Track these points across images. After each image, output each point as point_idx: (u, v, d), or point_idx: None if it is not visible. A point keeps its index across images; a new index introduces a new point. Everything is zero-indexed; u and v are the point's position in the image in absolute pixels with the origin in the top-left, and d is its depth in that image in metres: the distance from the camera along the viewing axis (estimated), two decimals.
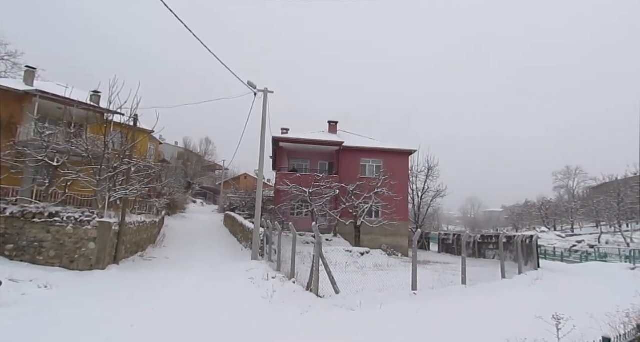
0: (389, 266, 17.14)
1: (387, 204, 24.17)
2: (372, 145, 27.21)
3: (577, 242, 41.18)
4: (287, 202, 24.30)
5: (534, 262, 18.21)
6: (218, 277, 11.90)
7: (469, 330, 6.76)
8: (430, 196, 36.32)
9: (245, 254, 17.64)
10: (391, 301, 8.92)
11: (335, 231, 23.87)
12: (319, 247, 9.47)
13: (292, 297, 8.88)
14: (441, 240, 32.43)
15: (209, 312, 7.53)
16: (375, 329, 6.75)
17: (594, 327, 5.88)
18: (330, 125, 29.61)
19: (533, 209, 63.73)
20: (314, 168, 27.41)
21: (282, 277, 11.38)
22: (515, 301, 9.86)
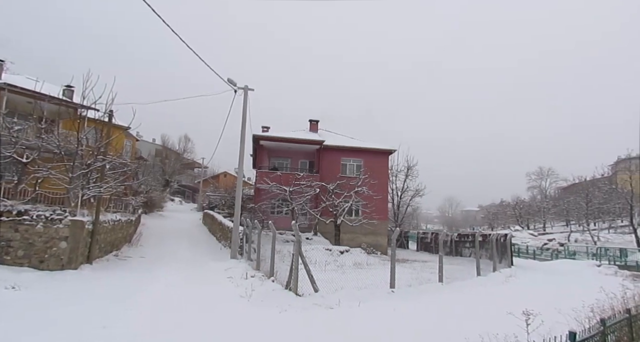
0: (368, 264, 17.30)
1: (367, 203, 24.39)
2: (353, 144, 27.40)
3: (549, 240, 42.70)
4: (267, 201, 24.18)
5: (508, 260, 18.75)
6: (196, 276, 11.73)
7: (444, 327, 6.92)
8: (409, 195, 36.92)
9: (224, 253, 17.47)
10: (370, 299, 9.03)
11: (315, 230, 23.93)
12: (298, 246, 9.48)
13: (271, 296, 8.86)
14: (419, 239, 32.99)
15: (186, 312, 7.42)
16: (353, 327, 6.82)
17: (561, 322, 6.13)
18: (312, 124, 29.62)
19: (508, 208, 65.66)
20: (294, 167, 27.37)
21: (261, 276, 11.33)
22: (489, 298, 10.16)
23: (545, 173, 69.85)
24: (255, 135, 25.28)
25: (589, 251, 33.59)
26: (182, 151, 55.67)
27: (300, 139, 26.26)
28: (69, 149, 13.97)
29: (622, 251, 31.58)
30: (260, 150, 27.03)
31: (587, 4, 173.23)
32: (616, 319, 6.44)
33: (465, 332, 5.33)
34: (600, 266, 21.60)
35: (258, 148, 27.03)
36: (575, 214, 48.73)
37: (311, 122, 29.68)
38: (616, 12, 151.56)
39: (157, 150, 53.90)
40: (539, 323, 4.89)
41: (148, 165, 39.88)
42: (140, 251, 16.93)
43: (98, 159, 14.14)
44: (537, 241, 43.54)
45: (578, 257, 31.61)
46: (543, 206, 58.64)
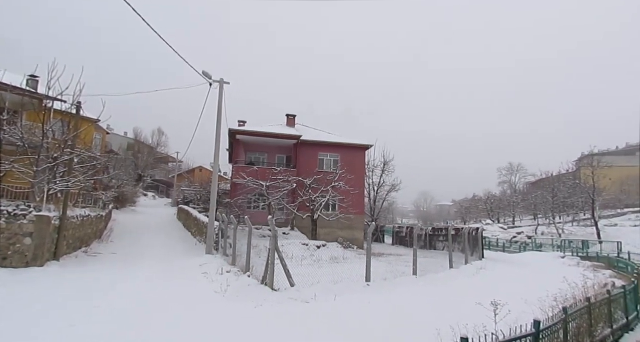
0: (345, 258, 17.48)
1: (343, 197, 24.54)
2: (330, 139, 27.44)
3: (517, 233, 44.44)
4: (243, 196, 23.92)
5: (479, 252, 19.36)
6: (169, 272, 11.50)
7: (417, 318, 7.09)
8: (385, 190, 37.42)
9: (199, 248, 17.20)
10: (345, 293, 9.14)
11: (292, 225, 23.91)
12: (274, 241, 9.45)
13: (246, 291, 8.81)
14: (395, 233, 33.55)
15: (158, 309, 7.27)
16: (328, 319, 6.88)
17: (527, 311, 6.41)
18: (288, 118, 29.43)
19: (479, 202, 67.66)
20: (271, 161, 27.18)
21: (236, 271, 11.23)
22: (460, 289, 10.47)
23: (515, 168, 72.29)
24: (231, 130, 24.90)
25: (554, 243, 35.20)
26: (155, 145, 54.21)
27: (277, 133, 26.07)
28: (33, 141, 13.31)
29: (584, 243, 33.26)
30: (237, 144, 26.66)
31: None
32: (577, 307, 6.80)
33: (436, 323, 5.47)
34: (564, 258, 22.70)
35: (234, 142, 26.64)
36: (542, 207, 50.78)
37: (288, 116, 29.48)
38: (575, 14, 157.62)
39: (129, 144, 52.23)
40: (506, 313, 5.08)
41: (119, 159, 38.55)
42: (111, 247, 16.43)
43: (65, 152, 13.55)
44: (507, 234, 45.23)
45: (544, 249, 33.07)
46: (512, 200, 60.77)
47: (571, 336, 6.31)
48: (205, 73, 15.09)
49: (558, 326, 5.85)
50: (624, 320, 9.08)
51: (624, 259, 21.49)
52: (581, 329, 6.75)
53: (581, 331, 6.73)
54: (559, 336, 5.91)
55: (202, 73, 14.99)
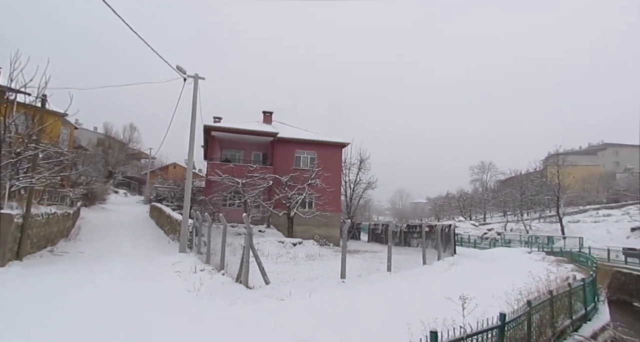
0: (321, 255, 17.56)
1: (320, 195, 24.62)
2: (307, 137, 27.43)
3: (488, 230, 45.94)
4: (218, 193, 23.60)
5: (452, 249, 19.90)
6: (140, 271, 11.21)
7: (390, 313, 7.24)
8: (362, 188, 37.84)
9: (172, 246, 16.85)
10: (321, 290, 9.20)
11: (268, 222, 23.80)
12: (249, 238, 9.39)
13: (220, 289, 8.72)
14: (371, 230, 33.97)
15: (127, 310, 7.08)
16: (303, 317, 6.92)
17: (494, 304, 6.66)
18: (265, 115, 29.20)
19: (453, 200, 69.43)
20: (247, 159, 26.92)
21: (211, 269, 11.09)
22: (432, 285, 10.75)
23: (487, 167, 74.65)
24: (207, 126, 24.49)
25: (522, 239, 36.64)
26: (127, 141, 52.61)
27: (253, 130, 25.82)
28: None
29: (549, 239, 34.79)
30: (212, 141, 26.25)
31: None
32: (540, 300, 7.13)
33: (408, 318, 5.61)
34: (531, 253, 23.68)
35: (209, 139, 26.21)
36: (511, 205, 52.68)
37: (265, 113, 29.24)
38: None
39: (99, 140, 50.48)
40: (474, 307, 5.26)
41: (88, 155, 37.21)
42: (79, 246, 15.86)
43: (29, 147, 12.94)
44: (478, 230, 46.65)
45: (513, 245, 34.35)
46: (484, 198, 62.72)
47: (534, 327, 6.61)
48: (180, 68, 14.76)
49: (522, 318, 6.12)
50: (583, 311, 9.59)
51: (584, 254, 22.62)
52: (544, 320, 7.09)
53: (544, 322, 7.07)
54: (524, 327, 6.19)
55: (176, 68, 14.65)
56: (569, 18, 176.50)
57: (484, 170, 74.84)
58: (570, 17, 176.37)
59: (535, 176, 51.20)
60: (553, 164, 45.91)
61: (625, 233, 33.03)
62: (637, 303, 21.80)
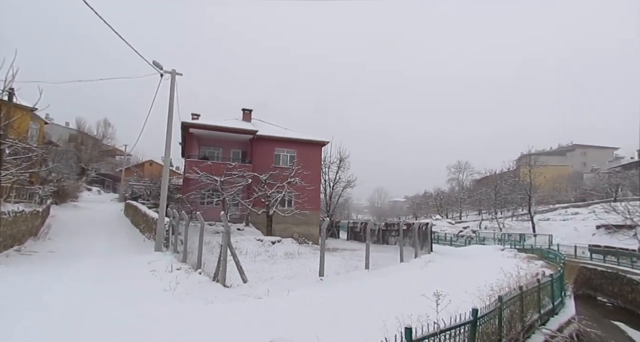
0: (300, 254, 17.58)
1: (299, 193, 24.62)
2: (287, 135, 27.33)
3: (463, 228, 47.07)
4: (196, 191, 23.24)
5: (428, 246, 20.30)
6: (113, 271, 10.92)
7: (366, 310, 7.33)
8: (341, 186, 38.01)
9: (148, 245, 16.49)
10: (299, 288, 9.23)
11: (247, 221, 23.62)
12: (227, 237, 9.30)
13: (197, 288, 8.61)
14: (350, 228, 34.21)
15: (100, 310, 6.90)
16: (280, 315, 6.93)
17: (467, 300, 6.84)
18: (245, 113, 28.91)
19: (430, 199, 70.76)
20: (226, 156, 26.61)
21: (187, 268, 10.92)
22: (409, 282, 10.93)
23: (463, 167, 76.37)
24: (184, 123, 24.04)
25: (496, 236, 37.77)
26: (101, 137, 50.96)
27: (232, 128, 25.52)
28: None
29: (521, 236, 36.00)
30: (190, 138, 25.78)
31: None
32: (511, 295, 7.38)
33: (384, 315, 5.70)
34: (503, 250, 24.42)
35: (187, 136, 25.74)
36: (486, 203, 54.19)
37: (244, 111, 28.95)
38: None
39: (71, 135, 48.67)
40: (447, 303, 5.39)
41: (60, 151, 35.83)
42: (48, 245, 15.30)
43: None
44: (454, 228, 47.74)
45: (487, 242, 35.35)
46: (460, 197, 64.23)
47: (505, 322, 6.85)
48: (156, 63, 14.42)
49: (494, 313, 6.33)
50: (551, 305, 9.99)
51: (554, 251, 23.49)
52: (514, 315, 7.35)
53: (514, 317, 7.33)
54: (495, 322, 6.40)
55: (153, 63, 14.31)
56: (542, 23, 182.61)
57: (461, 169, 76.55)
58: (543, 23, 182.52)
59: (509, 175, 52.86)
60: (525, 164, 47.51)
61: (591, 231, 34.55)
62: (600, 297, 22.88)
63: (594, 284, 23.95)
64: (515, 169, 54.27)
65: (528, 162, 45.47)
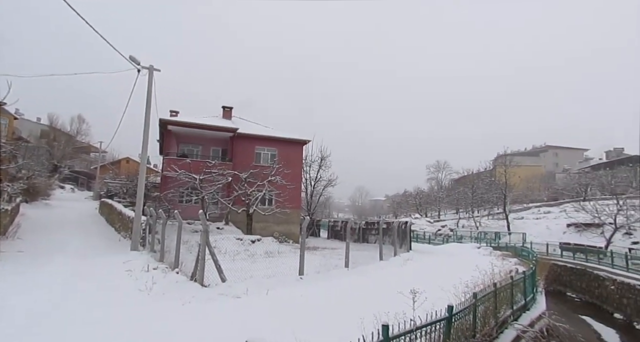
0: (280, 252, 17.53)
1: (280, 192, 24.52)
2: (268, 133, 27.17)
3: (442, 226, 48.03)
4: (175, 189, 22.82)
5: (407, 245, 20.60)
6: (87, 271, 10.60)
7: (345, 308, 7.37)
8: (322, 185, 38.09)
9: (123, 244, 16.09)
10: (278, 287, 9.22)
11: (226, 219, 23.35)
12: (205, 235, 9.19)
13: (174, 288, 8.47)
14: (330, 227, 34.32)
15: (72, 311, 6.70)
16: (258, 314, 6.90)
17: (443, 297, 6.99)
18: (225, 110, 28.56)
19: (410, 198, 71.84)
20: (205, 154, 26.23)
21: (164, 268, 10.73)
22: (387, 280, 11.07)
23: (442, 166, 77.84)
24: (163, 120, 23.53)
25: (472, 235, 38.70)
26: (75, 133, 49.32)
27: (211, 125, 25.17)
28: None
29: (496, 234, 37.04)
30: (168, 136, 25.29)
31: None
32: (485, 292, 7.59)
33: (362, 312, 5.76)
34: (480, 248, 25.04)
35: (166, 133, 25.23)
36: (463, 202, 55.44)
37: (224, 108, 28.60)
38: None
39: (43, 131, 46.87)
40: (424, 300, 5.50)
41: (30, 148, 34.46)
42: (17, 244, 14.68)
43: None
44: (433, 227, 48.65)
45: (464, 240, 36.18)
46: (439, 196, 65.44)
47: (479, 317, 7.04)
48: (133, 58, 14.05)
49: (468, 309, 6.50)
50: (523, 301, 10.33)
51: (527, 249, 24.29)
52: (488, 311, 7.56)
53: (488, 313, 7.54)
54: (469, 318, 6.58)
55: (129, 58, 13.94)
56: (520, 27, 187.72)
57: (440, 169, 77.99)
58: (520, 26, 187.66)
59: (485, 175, 54.24)
60: (501, 164, 48.83)
61: (562, 229, 35.86)
62: (570, 293, 23.81)
63: (563, 280, 24.89)
64: (492, 169, 55.70)
65: (504, 162, 46.77)
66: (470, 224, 46.13)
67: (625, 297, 18.10)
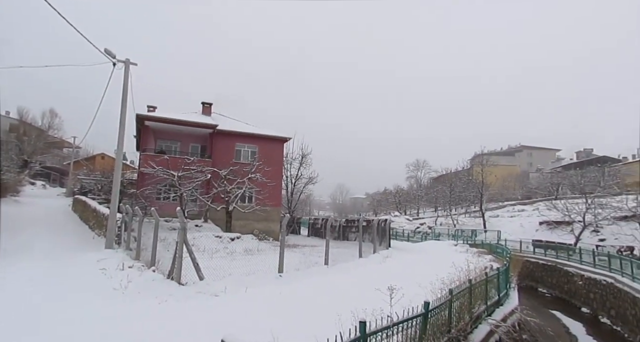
0: (259, 250, 17.44)
1: (260, 189, 24.35)
2: (248, 130, 26.91)
3: (420, 224, 48.88)
4: (152, 186, 22.32)
5: (387, 242, 20.84)
6: (59, 269, 10.26)
7: (323, 305, 7.42)
8: (303, 183, 38.09)
9: (98, 242, 15.63)
10: (257, 284, 9.17)
11: (205, 217, 23.04)
12: (183, 233, 9.05)
13: (150, 286, 8.31)
14: (311, 224, 34.37)
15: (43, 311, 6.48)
16: (236, 312, 6.85)
17: (420, 294, 7.12)
18: (204, 106, 28.11)
19: (390, 196, 72.66)
20: (184, 151, 25.76)
21: (140, 266, 10.50)
22: (366, 277, 11.19)
23: (421, 165, 79.06)
24: (140, 115, 22.95)
25: (450, 232, 39.56)
26: (46, 128, 47.44)
27: (191, 121, 24.71)
28: None
29: (473, 232, 37.97)
30: (146, 131, 24.69)
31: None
32: (460, 288, 7.77)
33: (340, 309, 5.80)
34: (457, 245, 25.61)
35: (143, 129, 24.62)
36: (441, 201, 56.56)
37: (204, 104, 28.15)
38: None
39: (12, 125, 44.88)
40: (401, 296, 5.60)
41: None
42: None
43: None
44: (412, 225, 49.44)
45: (442, 238, 36.94)
46: (418, 194, 66.49)
47: (455, 313, 7.21)
48: (108, 51, 13.62)
49: (444, 305, 6.64)
50: (497, 297, 10.63)
51: (501, 246, 25.00)
52: (463, 307, 7.75)
53: (463, 308, 7.73)
54: (445, 314, 6.73)
55: (104, 51, 13.50)
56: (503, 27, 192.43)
57: (419, 167, 79.19)
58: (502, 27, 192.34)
59: (463, 174, 55.45)
60: (478, 163, 50.02)
61: (535, 227, 37.09)
62: (541, 288, 24.70)
63: (535, 276, 25.79)
64: (469, 168, 56.96)
65: (480, 162, 47.89)
66: (448, 222, 47.07)
67: (592, 292, 18.92)
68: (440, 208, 57.94)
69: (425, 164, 78.47)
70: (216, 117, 27.72)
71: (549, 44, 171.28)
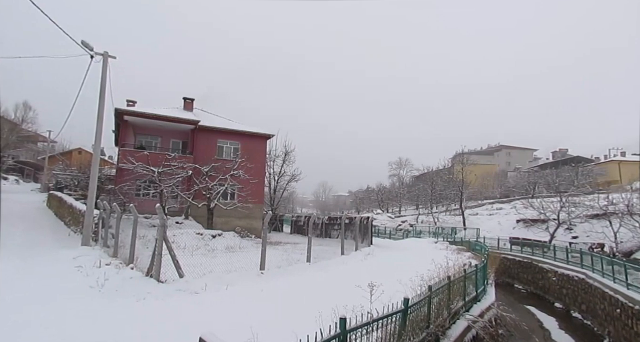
0: (241, 247, 17.32)
1: (243, 186, 24.16)
2: (231, 126, 26.60)
3: (402, 222, 49.39)
4: (131, 182, 21.82)
5: (369, 239, 21.03)
6: (31, 267, 9.91)
7: (304, 302, 7.45)
8: (286, 180, 37.99)
9: (73, 239, 15.20)
10: (238, 282, 9.12)
11: (186, 214, 22.69)
12: (162, 230, 8.90)
13: (128, 284, 8.14)
14: (293, 222, 34.33)
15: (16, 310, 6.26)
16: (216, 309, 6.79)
17: (400, 290, 7.22)
18: (186, 102, 27.63)
19: (372, 194, 73.20)
20: (165, 146, 25.28)
21: (118, 263, 10.26)
22: (347, 274, 11.27)
23: (403, 163, 79.90)
24: (119, 110, 22.38)
25: (431, 230, 40.17)
26: (20, 121, 45.74)
27: (172, 117, 24.25)
28: None
29: (453, 230, 38.65)
30: (125, 126, 24.08)
31: None
32: (440, 284, 7.93)
33: (321, 306, 5.83)
34: (437, 243, 26.05)
35: (122, 124, 24.00)
36: (423, 199, 57.32)
37: (185, 100, 27.66)
38: None
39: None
40: (381, 293, 5.66)
41: None
42: None
43: None
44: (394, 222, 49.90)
45: (423, 235, 37.46)
46: (400, 192, 67.22)
47: (433, 309, 7.35)
48: (85, 43, 13.19)
49: (424, 301, 6.76)
50: (474, 293, 10.90)
51: (480, 243, 25.57)
52: (442, 303, 7.91)
53: (441, 304, 7.89)
54: (424, 310, 6.85)
55: (81, 43, 13.07)
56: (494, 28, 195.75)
57: (401, 166, 80.00)
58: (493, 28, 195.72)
59: (444, 172, 56.33)
60: (458, 162, 50.94)
61: (512, 224, 38.09)
62: (517, 284, 25.40)
63: (512, 273, 26.50)
64: (450, 167, 57.91)
65: (461, 161, 48.78)
66: (429, 220, 47.79)
67: (564, 288, 19.59)
68: (421, 206, 58.73)
69: (408, 162, 79.39)
70: (198, 113, 27.30)
71: (531, 48, 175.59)
